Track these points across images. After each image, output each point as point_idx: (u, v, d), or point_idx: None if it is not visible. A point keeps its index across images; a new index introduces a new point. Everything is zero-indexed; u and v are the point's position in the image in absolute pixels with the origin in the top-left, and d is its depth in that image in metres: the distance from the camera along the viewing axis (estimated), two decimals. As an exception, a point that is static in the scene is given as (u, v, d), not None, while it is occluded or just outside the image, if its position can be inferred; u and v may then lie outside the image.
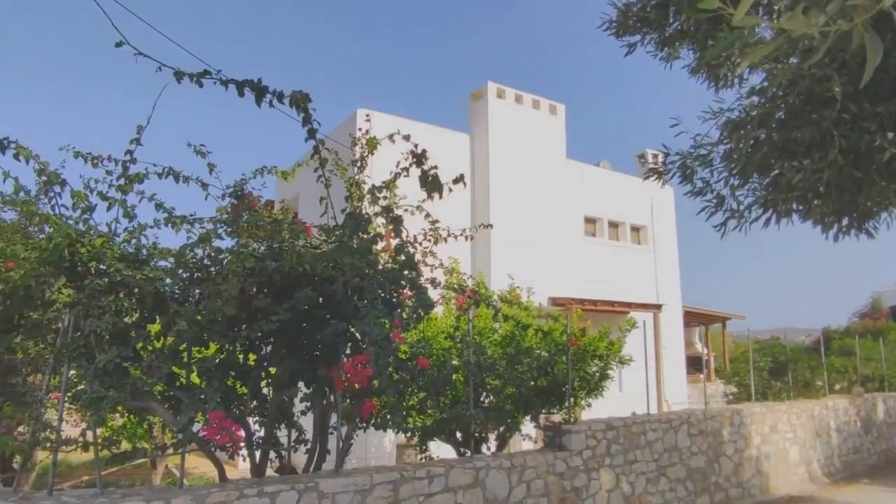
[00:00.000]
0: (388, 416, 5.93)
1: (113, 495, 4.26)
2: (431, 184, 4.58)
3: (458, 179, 4.82)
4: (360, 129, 6.04)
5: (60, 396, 4.56)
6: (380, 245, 5.13)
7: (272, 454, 5.25)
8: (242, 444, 4.68)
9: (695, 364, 21.39)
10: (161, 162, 4.71)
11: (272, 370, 5.01)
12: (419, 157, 4.72)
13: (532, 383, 7.26)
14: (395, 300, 5.08)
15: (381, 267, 5.01)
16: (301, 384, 5.10)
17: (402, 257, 5.01)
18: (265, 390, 5.18)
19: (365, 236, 4.92)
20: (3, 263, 4.48)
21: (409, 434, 7.00)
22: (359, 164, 5.82)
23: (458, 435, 7.11)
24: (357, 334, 4.80)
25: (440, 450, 7.21)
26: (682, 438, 8.33)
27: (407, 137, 4.92)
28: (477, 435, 6.86)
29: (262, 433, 5.16)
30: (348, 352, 4.88)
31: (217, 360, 4.60)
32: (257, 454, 5.08)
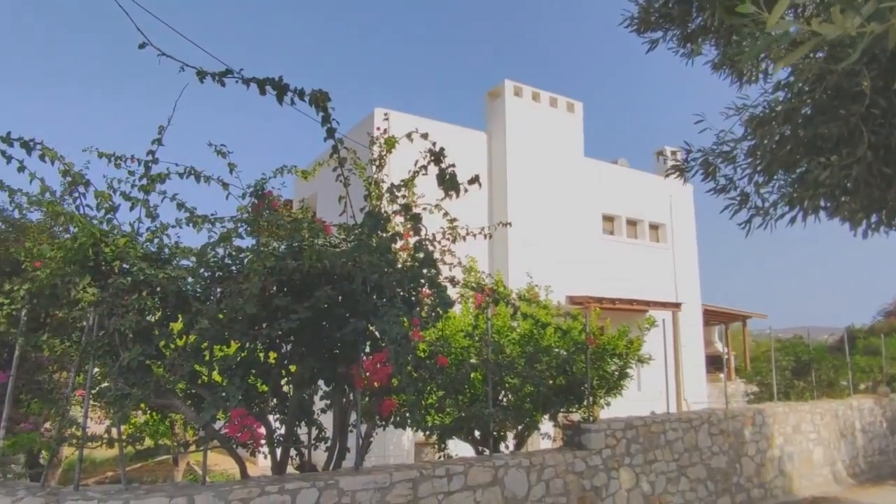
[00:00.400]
0: (408, 415, 5.92)
1: (137, 491, 4.31)
2: (449, 182, 4.56)
3: (473, 180, 4.79)
4: (377, 129, 6.05)
5: (85, 394, 4.64)
6: (398, 244, 5.12)
7: (292, 451, 5.29)
8: (263, 442, 4.70)
9: (715, 363, 21.17)
10: (174, 164, 4.77)
11: (292, 368, 5.03)
12: (437, 156, 4.70)
13: (551, 382, 7.22)
14: (414, 298, 5.07)
15: (399, 265, 5.01)
16: (321, 382, 5.12)
17: (421, 255, 4.99)
18: (285, 388, 5.21)
19: (384, 234, 4.92)
20: (30, 263, 4.56)
21: (427, 432, 7.00)
22: (377, 162, 5.84)
23: (477, 433, 7.10)
24: (376, 332, 4.80)
25: (458, 448, 7.21)
26: (702, 438, 8.23)
27: (425, 136, 4.90)
28: (495, 433, 6.85)
29: (282, 431, 5.20)
30: (368, 350, 4.89)
31: (238, 359, 4.63)
32: (278, 451, 5.11)
